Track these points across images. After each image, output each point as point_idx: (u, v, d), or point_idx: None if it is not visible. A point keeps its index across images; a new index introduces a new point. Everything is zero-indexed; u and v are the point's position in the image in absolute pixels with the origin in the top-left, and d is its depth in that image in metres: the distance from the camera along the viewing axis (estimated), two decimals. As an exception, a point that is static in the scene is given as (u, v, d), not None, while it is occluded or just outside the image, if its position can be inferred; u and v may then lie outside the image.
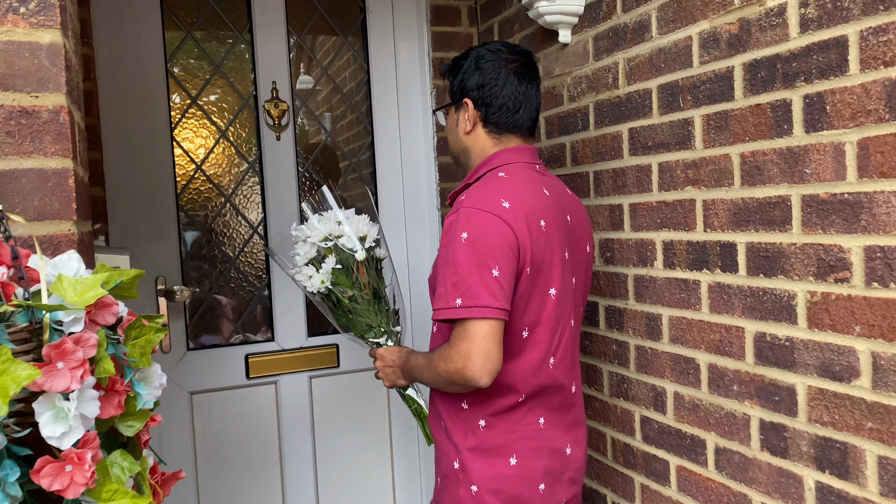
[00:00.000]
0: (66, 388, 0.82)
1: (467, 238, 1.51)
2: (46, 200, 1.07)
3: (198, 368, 2.43)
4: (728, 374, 1.62)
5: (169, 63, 2.39)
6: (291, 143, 2.52)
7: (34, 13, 1.05)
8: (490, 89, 1.67)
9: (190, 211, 2.44)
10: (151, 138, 2.35)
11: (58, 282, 0.88)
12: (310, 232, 1.84)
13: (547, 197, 1.63)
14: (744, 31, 1.51)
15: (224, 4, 2.46)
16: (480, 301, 1.47)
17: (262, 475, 2.52)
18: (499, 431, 1.61)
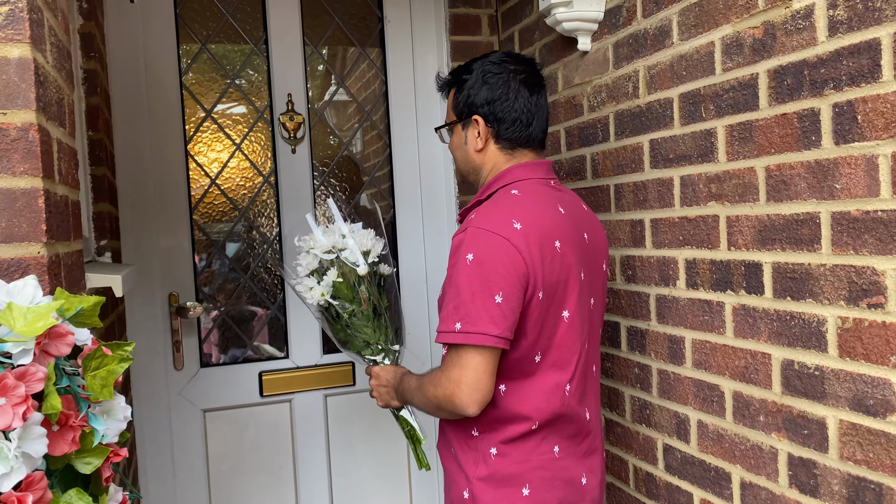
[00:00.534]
0: (7, 426, 0.77)
1: (473, 260, 1.43)
2: (14, 222, 1.02)
3: (211, 386, 2.39)
4: (754, 404, 1.50)
5: (183, 76, 2.37)
6: (307, 157, 2.48)
7: (1, 27, 1.01)
8: (501, 104, 1.58)
9: (204, 226, 2.41)
10: (165, 152, 2.33)
11: (7, 310, 0.83)
12: (313, 243, 1.80)
13: (562, 215, 1.54)
14: (769, 35, 1.41)
15: (239, 16, 2.43)
16: (480, 328, 1.40)
17: (276, 495, 2.46)
18: (511, 461, 1.52)
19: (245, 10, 2.43)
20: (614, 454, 2.01)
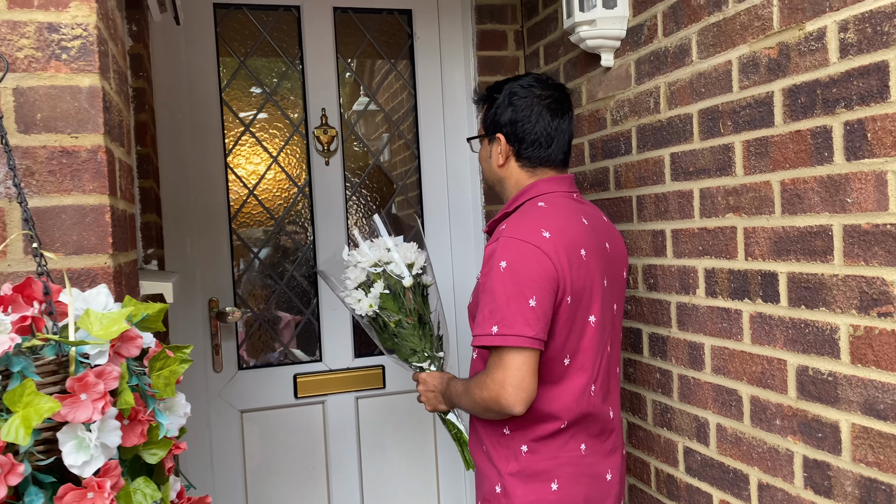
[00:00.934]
0: (87, 418, 0.86)
1: (506, 267, 1.52)
2: (84, 235, 1.12)
3: (248, 387, 2.50)
4: (770, 408, 1.56)
5: (223, 92, 2.49)
6: (340, 168, 2.58)
7: (74, 59, 1.11)
8: (522, 126, 1.68)
9: (242, 234, 2.53)
10: (206, 165, 2.45)
11: (85, 316, 0.93)
12: (360, 257, 1.90)
13: (586, 226, 1.64)
14: (783, 55, 1.48)
15: (276, 34, 2.54)
16: (516, 330, 1.48)
17: (309, 493, 2.56)
18: (541, 457, 1.61)
19: (281, 29, 2.55)
20: (636, 456, 2.07)
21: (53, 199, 1.11)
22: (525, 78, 1.73)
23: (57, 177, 1.11)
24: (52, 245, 1.11)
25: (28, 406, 0.81)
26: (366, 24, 2.64)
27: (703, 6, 1.70)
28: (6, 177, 1.09)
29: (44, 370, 0.88)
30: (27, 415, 0.81)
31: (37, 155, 1.10)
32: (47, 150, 1.11)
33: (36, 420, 0.80)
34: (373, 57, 2.68)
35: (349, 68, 2.64)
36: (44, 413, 0.81)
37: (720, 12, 1.64)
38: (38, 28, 1.10)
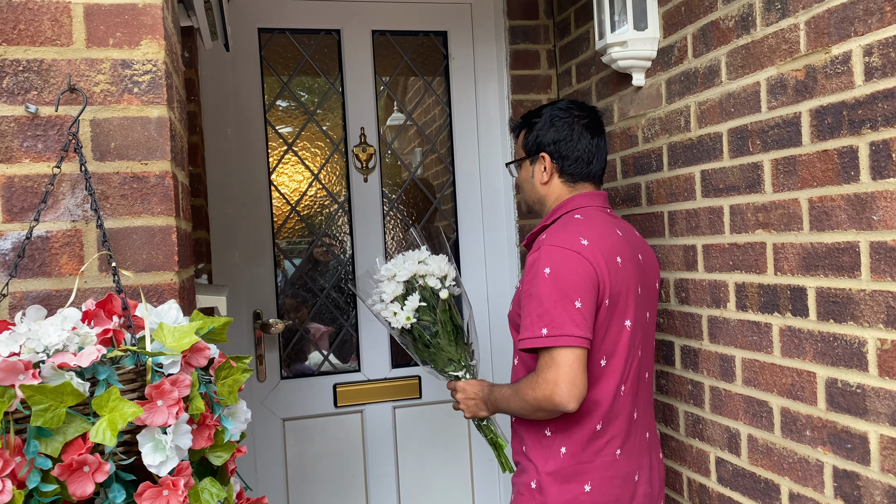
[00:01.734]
0: (164, 423, 0.95)
1: (550, 273, 1.62)
2: (153, 254, 1.22)
3: (290, 396, 2.60)
4: (801, 419, 1.61)
5: (267, 113, 2.60)
6: (378, 184, 2.68)
7: (145, 92, 1.21)
8: (566, 144, 1.80)
9: (285, 249, 2.63)
10: (252, 183, 2.56)
11: (159, 329, 1.02)
12: (396, 270, 1.96)
13: (620, 237, 1.74)
14: (810, 77, 1.53)
15: (317, 57, 2.65)
16: (565, 330, 1.57)
17: (348, 500, 2.64)
18: (578, 460, 1.70)
19: (322, 51, 2.66)
20: (669, 467, 2.11)
21: (125, 221, 1.21)
22: (562, 102, 1.86)
23: (128, 200, 1.21)
24: (123, 263, 1.20)
25: (114, 410, 0.90)
26: (402, 45, 2.74)
27: (732, 29, 1.75)
28: (83, 200, 1.19)
29: (124, 378, 0.97)
30: (113, 418, 0.90)
31: (110, 180, 1.20)
32: (120, 176, 1.21)
33: (121, 423, 0.89)
34: (409, 76, 2.77)
35: (387, 88, 2.74)
36: (128, 417, 0.90)
37: (748, 35, 1.70)
38: (112, 64, 1.20)
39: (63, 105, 1.18)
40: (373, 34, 2.69)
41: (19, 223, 1.17)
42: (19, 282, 1.16)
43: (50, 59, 1.18)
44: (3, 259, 1.16)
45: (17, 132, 1.17)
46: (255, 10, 2.54)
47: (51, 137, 1.18)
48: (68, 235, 1.19)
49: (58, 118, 1.18)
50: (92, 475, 0.90)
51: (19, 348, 0.92)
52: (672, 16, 1.99)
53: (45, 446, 0.90)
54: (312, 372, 2.65)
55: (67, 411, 0.91)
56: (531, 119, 1.87)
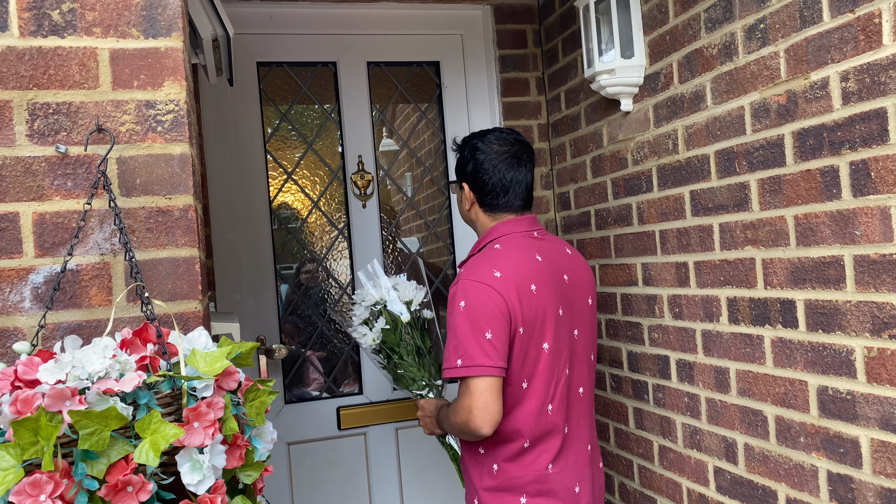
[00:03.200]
0: (201, 443, 1.01)
1: (464, 307, 1.74)
2: (178, 284, 1.28)
3: (294, 420, 2.64)
4: (794, 427, 1.68)
5: (267, 143, 2.67)
6: (376, 210, 2.76)
7: (168, 130, 1.28)
8: (482, 176, 1.91)
9: (287, 276, 2.69)
10: (253, 211, 2.62)
11: (192, 355, 1.08)
12: (364, 296, 2.16)
13: (538, 262, 1.83)
14: (791, 102, 1.62)
15: (315, 88, 2.74)
16: (476, 361, 1.70)
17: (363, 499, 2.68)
18: (509, 475, 1.82)
19: (319, 83, 2.74)
20: (668, 478, 2.18)
21: (151, 253, 1.27)
22: (488, 135, 1.94)
23: (154, 233, 1.27)
24: (150, 293, 1.26)
25: (156, 433, 0.96)
26: (397, 75, 2.83)
27: (716, 56, 1.85)
28: (111, 234, 1.25)
29: (162, 402, 1.03)
30: (155, 440, 0.95)
31: (136, 215, 1.26)
32: (145, 211, 1.27)
33: (163, 444, 0.95)
34: (403, 104, 2.86)
35: (382, 117, 2.83)
36: (170, 438, 0.95)
37: (731, 62, 1.79)
38: (137, 105, 1.27)
39: (91, 144, 1.24)
40: (368, 65, 2.78)
41: (50, 258, 1.22)
42: (52, 313, 1.22)
43: (78, 101, 1.24)
44: (37, 292, 1.21)
45: (48, 171, 1.23)
46: (253, 46, 2.63)
47: (80, 175, 1.24)
48: (97, 268, 1.24)
49: (86, 157, 1.24)
50: (136, 495, 0.96)
51: (65, 376, 0.98)
52: (657, 44, 2.09)
53: (91, 468, 0.95)
54: (315, 396, 2.70)
55: (111, 434, 0.96)
56: (461, 147, 1.99)
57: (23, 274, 1.20)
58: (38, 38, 1.23)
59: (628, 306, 2.33)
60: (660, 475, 2.22)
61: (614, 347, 2.43)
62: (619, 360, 2.41)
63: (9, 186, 1.20)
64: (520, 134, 1.97)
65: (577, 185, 2.63)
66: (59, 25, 1.24)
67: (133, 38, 1.26)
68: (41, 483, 0.92)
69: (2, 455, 0.93)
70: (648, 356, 2.24)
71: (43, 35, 1.23)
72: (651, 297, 2.20)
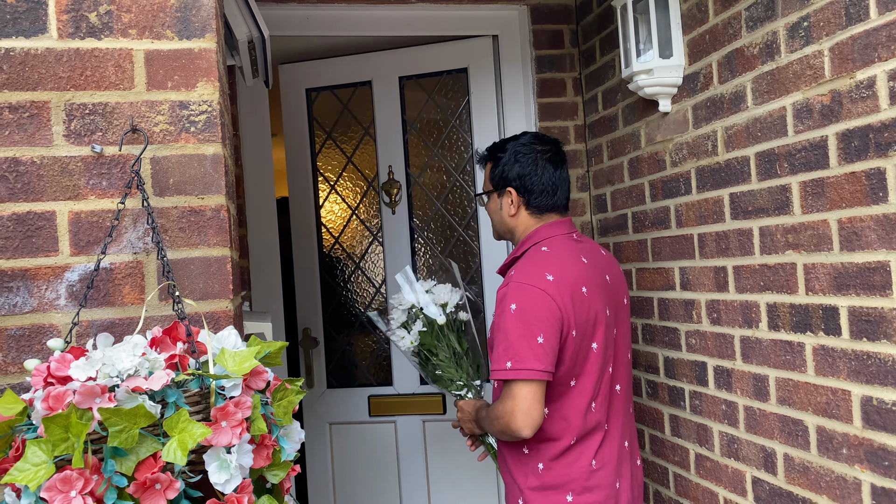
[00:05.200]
0: (228, 443, 1.01)
1: (516, 309, 1.74)
2: (209, 283, 1.29)
3: (334, 403, 2.86)
4: (836, 437, 1.62)
5: (316, 158, 2.90)
6: (405, 216, 2.86)
7: (201, 131, 1.29)
8: (530, 178, 1.92)
9: (329, 275, 2.90)
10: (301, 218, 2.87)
11: (221, 354, 1.08)
12: (400, 301, 2.20)
13: (585, 264, 1.85)
14: (835, 102, 1.57)
15: (353, 106, 2.92)
16: (527, 364, 1.70)
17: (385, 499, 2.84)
18: (555, 474, 1.82)
19: (357, 101, 2.92)
20: (704, 487, 2.13)
21: (183, 252, 1.28)
22: (525, 136, 1.97)
23: (186, 233, 1.28)
24: (182, 292, 1.27)
25: (183, 431, 0.96)
26: (426, 86, 2.93)
27: (757, 56, 1.80)
28: (144, 234, 1.26)
29: (190, 401, 1.03)
30: (183, 439, 0.96)
31: (169, 214, 1.28)
32: (178, 210, 1.28)
33: (191, 443, 0.95)
34: (433, 113, 2.93)
35: (413, 127, 2.92)
36: (197, 437, 0.95)
37: (773, 62, 1.75)
38: (171, 106, 1.28)
39: (126, 145, 1.26)
40: (399, 80, 2.90)
41: (85, 256, 1.24)
42: (86, 311, 1.23)
43: (114, 102, 1.26)
44: (71, 290, 1.23)
45: (83, 171, 1.25)
46: (302, 74, 2.91)
47: (114, 175, 1.26)
48: (130, 267, 1.26)
49: (121, 157, 1.26)
50: (163, 493, 0.96)
51: (95, 373, 0.99)
52: (697, 44, 2.05)
53: (120, 465, 0.96)
54: (352, 383, 2.90)
55: (140, 432, 0.97)
56: (496, 153, 1.97)
57: (59, 272, 1.22)
58: (76, 39, 1.25)
59: (665, 311, 2.29)
60: (696, 484, 2.17)
61: (650, 353, 2.39)
62: (655, 365, 2.37)
63: (46, 186, 1.23)
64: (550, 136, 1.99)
65: (614, 188, 2.59)
66: (97, 27, 1.26)
67: (167, 39, 1.27)
68: (71, 479, 0.94)
69: (34, 451, 0.95)
70: (685, 362, 2.19)
71: (80, 37, 1.25)
72: (688, 301, 2.16)
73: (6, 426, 1.01)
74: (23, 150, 1.22)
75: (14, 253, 1.21)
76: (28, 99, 1.23)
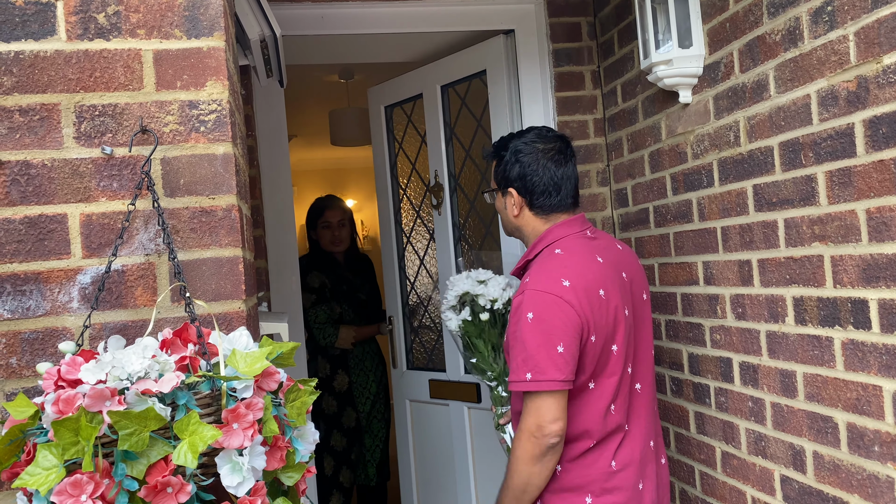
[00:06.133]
0: (240, 445, 0.99)
1: (533, 318, 1.69)
2: (221, 284, 1.27)
3: (410, 383, 3.23)
4: (868, 435, 1.57)
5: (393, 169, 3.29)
6: (448, 216, 2.98)
7: (211, 130, 1.28)
8: (531, 178, 1.85)
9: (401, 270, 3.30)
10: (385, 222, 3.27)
11: (232, 355, 1.07)
12: (454, 285, 2.19)
13: (601, 264, 1.79)
14: (862, 88, 1.52)
15: (415, 118, 3.13)
16: (547, 375, 1.65)
17: (445, 471, 3.09)
18: (574, 475, 1.78)
19: (417, 113, 3.11)
20: (731, 486, 2.08)
21: (195, 253, 1.27)
22: (527, 134, 1.90)
23: (197, 233, 1.27)
24: (193, 293, 1.26)
25: (194, 434, 0.95)
26: (460, 91, 3.00)
27: (779, 43, 1.76)
28: (156, 235, 1.26)
29: (201, 403, 1.02)
30: (194, 441, 0.94)
31: (180, 215, 1.27)
32: (189, 211, 1.27)
33: (201, 446, 0.94)
34: (466, 117, 3.01)
35: (452, 132, 3.04)
36: (208, 440, 0.94)
37: (796, 48, 1.70)
38: (180, 105, 1.27)
39: (136, 146, 1.25)
40: (441, 89, 3.02)
41: (97, 258, 1.24)
42: (98, 314, 1.23)
43: (123, 103, 1.25)
44: (84, 293, 1.22)
45: (94, 173, 1.24)
46: (381, 93, 3.29)
47: (125, 176, 1.25)
48: (142, 268, 1.25)
49: (131, 158, 1.25)
50: (175, 496, 0.95)
51: (105, 376, 0.98)
52: (717, 32, 2.00)
53: (130, 469, 0.95)
54: (421, 367, 3.22)
55: (150, 435, 0.95)
56: (500, 151, 1.92)
57: (71, 275, 1.22)
58: (85, 41, 1.24)
59: (689, 306, 2.24)
60: (722, 482, 2.13)
61: (674, 349, 2.34)
62: (679, 362, 2.32)
63: (57, 188, 1.22)
64: (556, 130, 1.92)
65: (635, 181, 2.55)
66: (105, 28, 1.25)
67: (176, 38, 1.26)
68: (82, 483, 0.93)
69: (44, 454, 0.94)
70: (710, 358, 2.15)
71: (89, 38, 1.24)
72: (713, 296, 2.11)
73: (18, 430, 1.01)
74: (34, 153, 1.22)
75: (27, 256, 1.21)
76: (38, 101, 1.22)
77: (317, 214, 3.75)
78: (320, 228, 3.72)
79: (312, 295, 3.56)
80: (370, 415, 3.71)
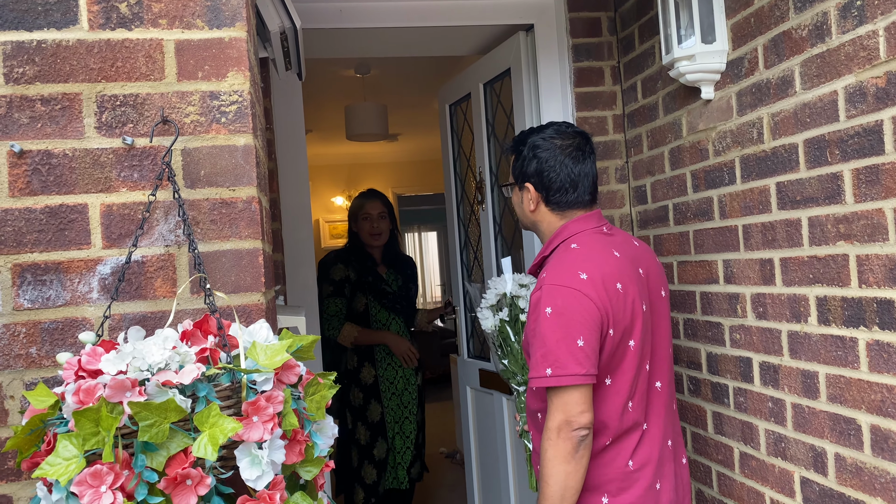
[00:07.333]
0: (259, 438, 0.99)
1: (552, 313, 1.67)
2: (241, 276, 1.27)
3: (471, 371, 3.32)
4: (892, 437, 1.55)
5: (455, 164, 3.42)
6: (490, 214, 3.05)
7: (232, 121, 1.27)
8: (548, 174, 1.84)
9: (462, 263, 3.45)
10: (451, 213, 3.43)
11: (252, 347, 1.06)
12: (496, 285, 2.20)
13: (618, 259, 1.77)
14: (891, 84, 1.49)
15: (469, 116, 3.18)
16: (568, 370, 1.63)
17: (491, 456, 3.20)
18: (590, 475, 1.74)
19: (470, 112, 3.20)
20: (749, 487, 2.06)
21: (214, 245, 1.26)
22: (546, 130, 1.89)
23: (217, 225, 1.26)
24: (213, 285, 1.25)
25: (214, 426, 0.94)
26: (497, 90, 3.03)
27: (805, 38, 1.73)
28: (176, 226, 1.25)
29: (221, 395, 1.01)
30: (214, 434, 0.93)
31: (200, 206, 1.26)
32: (209, 202, 1.26)
33: (221, 438, 0.93)
34: (501, 115, 3.03)
35: (493, 129, 3.10)
36: (228, 433, 0.93)
37: (823, 44, 1.67)
38: (201, 96, 1.26)
39: (157, 136, 1.24)
40: (483, 88, 3.08)
41: (117, 249, 1.23)
42: (117, 304, 1.22)
43: (144, 93, 1.25)
44: (103, 283, 1.22)
45: (115, 163, 1.23)
46: (447, 93, 3.43)
47: (146, 167, 1.24)
48: (162, 260, 1.24)
49: (152, 149, 1.25)
50: (195, 488, 0.94)
51: (126, 367, 0.97)
52: (741, 27, 1.97)
53: (150, 460, 0.94)
54: (475, 356, 3.33)
55: (170, 427, 0.95)
56: (518, 146, 1.91)
57: (91, 265, 1.21)
58: (107, 30, 1.24)
59: (708, 305, 2.22)
60: (740, 483, 2.10)
61: (692, 348, 2.32)
62: (697, 361, 2.30)
63: (78, 178, 1.22)
64: (576, 126, 1.91)
65: (655, 178, 2.52)
66: (127, 18, 1.24)
67: (198, 28, 1.26)
68: (102, 474, 0.92)
69: (65, 445, 0.94)
70: (729, 358, 2.12)
71: (111, 28, 1.24)
72: (733, 295, 2.09)
73: (38, 420, 1.00)
74: (55, 143, 1.22)
75: (47, 246, 1.21)
76: (60, 91, 1.22)
77: (358, 207, 3.78)
78: (361, 220, 3.74)
79: (330, 287, 3.56)
80: (401, 415, 3.66)
